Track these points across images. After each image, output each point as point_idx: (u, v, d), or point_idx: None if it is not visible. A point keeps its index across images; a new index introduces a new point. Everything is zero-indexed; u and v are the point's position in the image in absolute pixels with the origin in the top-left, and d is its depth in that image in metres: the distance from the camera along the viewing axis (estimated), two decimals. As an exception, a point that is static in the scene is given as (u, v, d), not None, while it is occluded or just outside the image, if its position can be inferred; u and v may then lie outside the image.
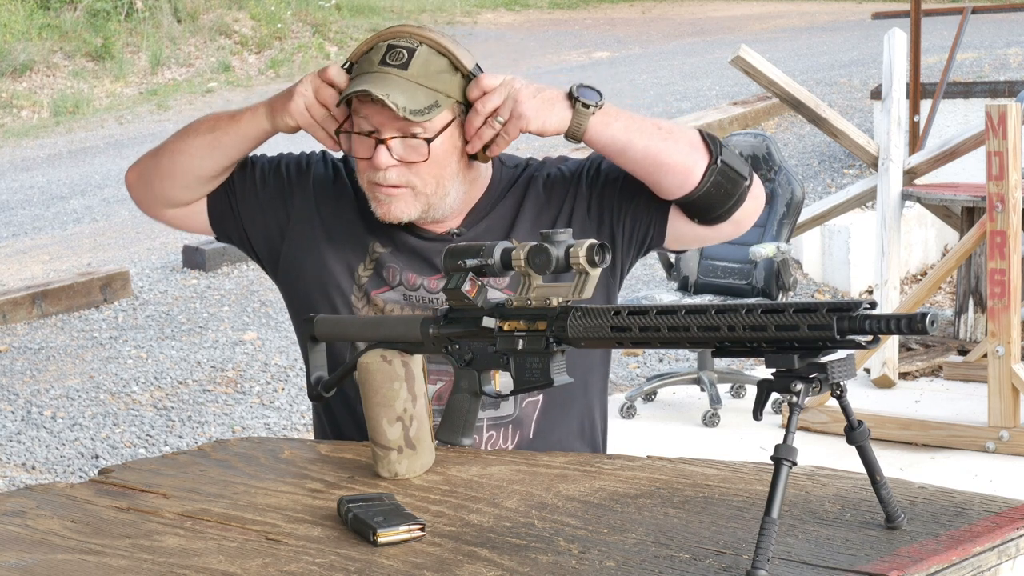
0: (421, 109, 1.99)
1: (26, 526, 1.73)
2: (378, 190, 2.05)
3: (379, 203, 2.07)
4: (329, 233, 2.15)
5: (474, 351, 1.77)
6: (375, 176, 2.04)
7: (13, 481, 5.02)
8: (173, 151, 2.16)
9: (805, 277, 7.22)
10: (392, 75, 2.00)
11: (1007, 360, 4.60)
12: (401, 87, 1.99)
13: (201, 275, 7.76)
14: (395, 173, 2.03)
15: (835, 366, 1.39)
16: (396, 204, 2.05)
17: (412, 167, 2.03)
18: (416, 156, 2.03)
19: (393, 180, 2.04)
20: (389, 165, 2.02)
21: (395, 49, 2.02)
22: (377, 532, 1.54)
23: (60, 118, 13.68)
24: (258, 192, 2.19)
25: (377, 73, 2.01)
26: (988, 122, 4.71)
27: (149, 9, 15.88)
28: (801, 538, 1.43)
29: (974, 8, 7.74)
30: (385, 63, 2.01)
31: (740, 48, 5.88)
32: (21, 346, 6.74)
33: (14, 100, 14.09)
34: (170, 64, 15.33)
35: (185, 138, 2.16)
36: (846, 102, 10.43)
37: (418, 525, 1.56)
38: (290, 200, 2.18)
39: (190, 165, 2.14)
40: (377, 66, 2.01)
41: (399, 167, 2.03)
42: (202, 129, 2.14)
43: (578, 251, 1.65)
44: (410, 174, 2.04)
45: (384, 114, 2.00)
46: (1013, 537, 1.41)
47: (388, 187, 2.04)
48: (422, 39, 2.03)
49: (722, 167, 2.02)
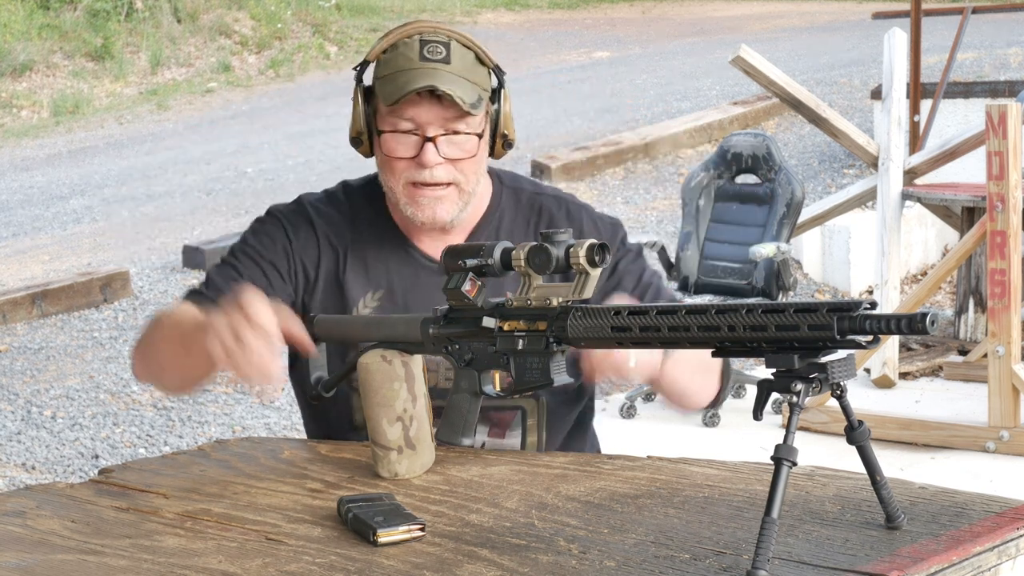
0: (474, 102, 1.98)
1: (26, 526, 1.73)
2: (421, 192, 2.01)
3: (420, 206, 2.02)
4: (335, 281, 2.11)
5: (474, 351, 1.77)
6: (420, 175, 2.00)
7: (13, 481, 5.02)
8: (156, 362, 2.05)
9: (805, 277, 7.22)
10: (440, 70, 1.97)
11: (1007, 360, 4.60)
12: (453, 81, 1.96)
13: (201, 275, 7.76)
14: (442, 171, 2.00)
15: (835, 366, 1.38)
16: (441, 205, 2.02)
17: (458, 164, 2.01)
18: (462, 153, 2.00)
19: (441, 178, 2.00)
20: (437, 163, 1.99)
21: (431, 44, 1.99)
22: (377, 532, 1.54)
23: (60, 118, 13.68)
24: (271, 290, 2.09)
25: (422, 69, 1.97)
26: (988, 122, 4.71)
27: (149, 9, 15.88)
28: (801, 538, 1.43)
29: (974, 8, 7.74)
30: (426, 59, 1.98)
31: (740, 48, 5.88)
32: (21, 346, 6.74)
33: (14, 100, 14.08)
34: (170, 64, 15.32)
35: (157, 351, 2.04)
36: (846, 102, 10.43)
37: (418, 525, 1.56)
38: (293, 278, 2.12)
39: (180, 374, 2.03)
40: (419, 62, 1.98)
41: (445, 164, 2.00)
42: (164, 346, 2.00)
43: (578, 251, 1.65)
44: (456, 171, 2.01)
45: (433, 111, 1.97)
46: (1013, 537, 1.41)
47: (433, 186, 2.01)
48: (448, 33, 2.01)
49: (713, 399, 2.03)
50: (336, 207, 2.13)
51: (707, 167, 5.69)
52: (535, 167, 9.20)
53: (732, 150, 5.63)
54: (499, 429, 2.08)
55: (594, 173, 9.42)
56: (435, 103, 1.96)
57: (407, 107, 1.97)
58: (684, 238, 5.67)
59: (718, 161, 5.66)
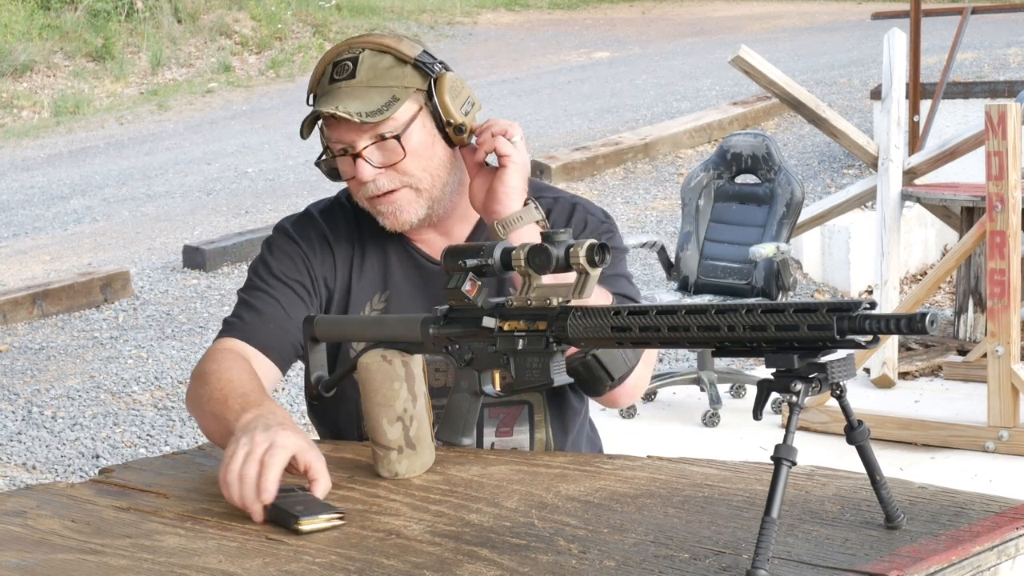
0: (378, 108, 2.00)
1: (27, 526, 1.74)
2: (378, 203, 2.05)
3: (385, 215, 2.06)
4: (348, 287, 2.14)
5: (474, 351, 1.77)
6: (368, 190, 2.04)
7: (14, 481, 5.02)
8: (203, 421, 1.98)
9: (805, 277, 7.22)
10: (342, 88, 2.02)
11: (1007, 360, 4.60)
12: (352, 95, 2.00)
13: (201, 275, 7.76)
14: (385, 179, 2.04)
15: (835, 366, 1.39)
16: (401, 209, 2.05)
17: (397, 167, 2.03)
18: (395, 156, 2.03)
19: (386, 186, 2.04)
20: (374, 175, 2.03)
21: (339, 64, 2.04)
22: (300, 520, 1.59)
23: (60, 118, 13.68)
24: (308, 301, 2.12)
25: (328, 93, 2.03)
26: (988, 122, 4.71)
27: (149, 9, 15.88)
28: (801, 538, 1.43)
29: (974, 8, 7.74)
30: (333, 80, 2.03)
31: (740, 48, 5.88)
32: (21, 346, 6.74)
33: (15, 100, 14.09)
34: (170, 64, 15.33)
35: (203, 412, 1.97)
36: (846, 102, 10.43)
37: (338, 514, 1.61)
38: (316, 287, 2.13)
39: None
40: (328, 85, 2.04)
41: (385, 172, 2.03)
42: (207, 409, 1.94)
43: (578, 251, 1.65)
44: (399, 175, 2.04)
45: (349, 128, 2.01)
46: (1013, 537, 1.41)
47: (385, 195, 2.04)
48: (363, 44, 2.05)
49: (590, 361, 1.95)
50: (342, 214, 2.16)
51: (707, 167, 5.70)
52: (535, 167, 9.20)
53: (732, 150, 5.63)
54: (507, 427, 2.09)
55: (594, 173, 9.42)
56: (345, 120, 2.00)
57: (331, 131, 2.04)
58: (684, 238, 5.67)
59: (718, 161, 5.67)
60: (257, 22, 16.15)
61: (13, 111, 13.92)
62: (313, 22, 16.53)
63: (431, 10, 17.73)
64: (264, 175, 10.36)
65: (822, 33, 14.93)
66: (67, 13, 15.62)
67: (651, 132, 9.94)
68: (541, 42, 16.20)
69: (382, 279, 2.12)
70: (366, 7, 17.19)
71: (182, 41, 15.74)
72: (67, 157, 11.99)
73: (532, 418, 2.09)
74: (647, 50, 15.10)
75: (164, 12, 15.86)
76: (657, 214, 8.44)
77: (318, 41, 16.03)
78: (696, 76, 12.63)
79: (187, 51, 15.64)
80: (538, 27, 17.49)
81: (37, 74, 14.71)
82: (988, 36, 12.08)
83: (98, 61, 15.12)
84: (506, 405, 2.07)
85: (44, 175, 11.28)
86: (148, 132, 12.84)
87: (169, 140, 12.34)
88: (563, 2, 19.10)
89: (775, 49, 12.82)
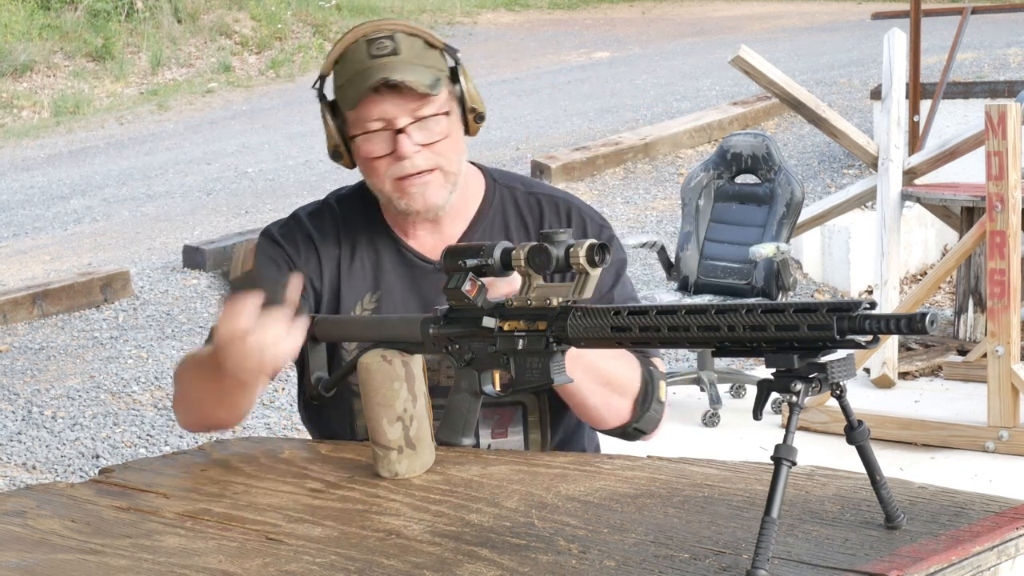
0: (431, 84, 1.98)
1: (27, 526, 1.73)
2: (408, 183, 2.01)
3: (411, 197, 2.02)
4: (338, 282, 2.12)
5: (474, 351, 1.76)
6: (401, 169, 2.00)
7: (14, 481, 5.02)
8: (196, 404, 2.02)
9: (805, 277, 7.22)
10: (391, 62, 1.98)
11: (1007, 360, 4.60)
12: (402, 70, 1.97)
13: (201, 275, 7.76)
14: (422, 158, 2.00)
15: (835, 366, 1.39)
16: (430, 190, 2.02)
17: (435, 147, 2.01)
18: (436, 135, 2.01)
19: (422, 165, 2.00)
20: (414, 151, 1.99)
21: (377, 41, 2.00)
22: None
23: (60, 118, 13.68)
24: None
25: (371, 68, 1.98)
26: (988, 122, 4.71)
27: (149, 9, 15.88)
28: (801, 538, 1.43)
29: (974, 8, 7.74)
30: (375, 56, 1.99)
31: (740, 48, 5.88)
32: (21, 346, 6.74)
33: (14, 100, 14.09)
34: (170, 64, 15.33)
35: (190, 394, 2.02)
36: (846, 102, 10.43)
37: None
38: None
39: (221, 404, 1.98)
40: (369, 60, 1.99)
41: (422, 151, 2.00)
42: (195, 385, 1.98)
43: (578, 251, 1.65)
44: (435, 155, 2.01)
45: (395, 103, 1.98)
46: (1013, 537, 1.41)
47: (418, 175, 2.01)
48: (392, 27, 2.02)
49: (631, 430, 2.00)
50: (330, 216, 2.14)
51: (707, 167, 5.69)
52: (535, 167, 9.20)
53: (732, 150, 5.63)
54: (501, 429, 2.08)
55: (594, 173, 9.42)
56: (395, 95, 1.97)
57: (371, 106, 1.99)
58: (684, 238, 5.67)
59: (718, 161, 5.66)
60: (257, 22, 16.15)
61: (13, 111, 13.92)
62: (313, 22, 16.53)
63: (431, 10, 17.73)
64: (264, 175, 10.36)
65: (822, 33, 14.93)
66: (67, 13, 15.62)
67: (651, 132, 9.94)
68: (541, 42, 16.20)
69: (374, 279, 2.10)
70: (366, 7, 17.19)
71: (182, 41, 15.74)
72: (67, 157, 11.99)
73: (526, 419, 2.09)
74: (647, 50, 15.10)
75: (164, 12, 15.86)
76: (657, 214, 8.44)
77: (318, 41, 16.03)
78: (696, 76, 12.63)
79: (187, 51, 15.64)
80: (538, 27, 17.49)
81: (37, 74, 14.71)
82: (988, 36, 12.08)
83: (98, 61, 15.13)
84: (500, 406, 2.06)
85: (44, 175, 11.28)
86: (148, 132, 12.84)
87: (169, 140, 12.33)
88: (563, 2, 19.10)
89: (775, 49, 12.82)
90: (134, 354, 6.50)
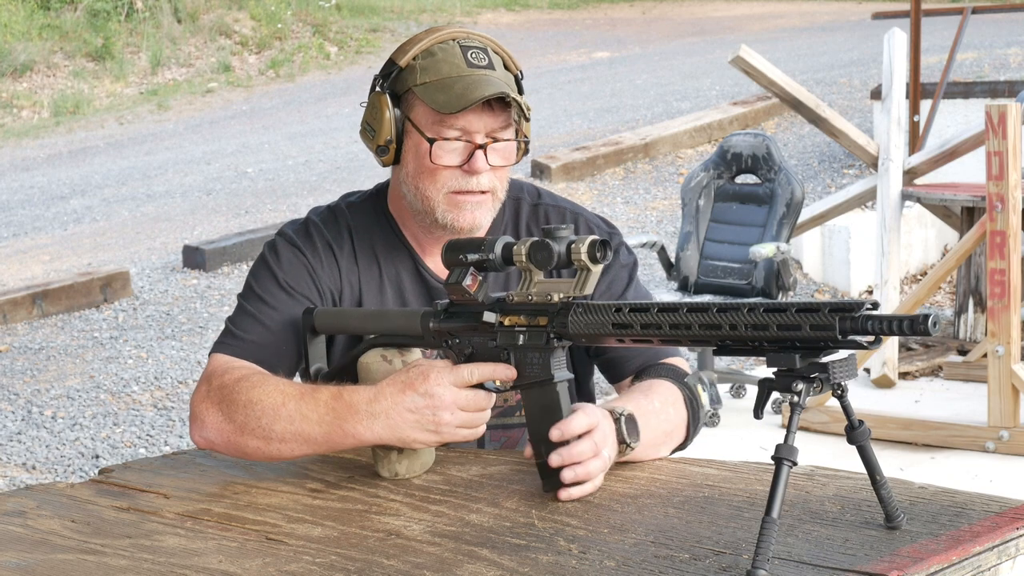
0: (519, 110, 1.97)
1: (27, 526, 1.73)
2: (464, 199, 1.97)
3: (462, 212, 1.97)
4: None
5: (474, 345, 1.76)
6: (466, 183, 1.96)
7: (13, 481, 5.02)
8: (272, 438, 1.85)
9: (805, 277, 7.22)
10: (491, 77, 1.94)
11: (1007, 360, 4.60)
12: (500, 87, 1.93)
13: (201, 275, 7.76)
14: (487, 178, 1.97)
15: (836, 366, 1.38)
16: (480, 211, 1.98)
17: (498, 172, 1.98)
18: (505, 160, 1.98)
19: (485, 185, 1.97)
20: (485, 170, 1.96)
21: (472, 50, 1.97)
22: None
23: (60, 118, 13.68)
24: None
25: (474, 76, 1.94)
26: (988, 122, 4.71)
27: (149, 9, 15.88)
28: (801, 538, 1.43)
29: (974, 8, 7.74)
30: (473, 65, 1.95)
31: (740, 48, 5.88)
32: (21, 346, 6.74)
33: (14, 100, 14.09)
34: (170, 64, 15.33)
35: (269, 440, 1.84)
36: (846, 102, 10.43)
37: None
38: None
39: (299, 452, 1.86)
40: (467, 69, 1.94)
41: (489, 172, 1.97)
42: (281, 437, 1.83)
43: (580, 247, 1.64)
44: (495, 179, 1.99)
45: (483, 119, 1.94)
46: (1013, 537, 1.41)
47: (476, 193, 1.97)
48: (481, 39, 1.99)
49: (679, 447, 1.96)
50: (345, 222, 2.08)
51: (707, 167, 5.69)
52: (535, 167, 9.20)
53: (732, 150, 5.63)
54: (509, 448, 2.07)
55: (594, 173, 9.42)
56: (485, 111, 1.93)
57: (469, 116, 1.94)
58: (684, 238, 5.67)
59: (718, 161, 5.66)
60: (257, 22, 16.15)
61: (13, 111, 13.92)
62: (313, 22, 16.53)
63: (431, 10, 17.74)
64: (264, 175, 10.35)
65: (822, 33, 14.93)
66: (67, 13, 15.62)
67: (651, 132, 9.94)
68: (541, 42, 16.20)
69: (392, 297, 2.06)
70: (366, 7, 17.19)
71: (182, 41, 15.74)
72: (67, 157, 11.99)
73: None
74: (647, 50, 15.10)
75: (164, 12, 15.86)
76: (657, 214, 8.44)
77: (318, 41, 16.03)
78: (696, 76, 12.63)
79: (187, 51, 15.64)
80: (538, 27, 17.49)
81: (37, 74, 14.71)
82: (988, 36, 12.08)
83: (98, 61, 15.13)
84: (506, 428, 2.05)
85: (44, 175, 11.28)
86: (148, 132, 12.84)
87: (169, 140, 12.33)
88: (563, 2, 19.11)
89: (775, 49, 12.82)
90: (134, 354, 6.50)
